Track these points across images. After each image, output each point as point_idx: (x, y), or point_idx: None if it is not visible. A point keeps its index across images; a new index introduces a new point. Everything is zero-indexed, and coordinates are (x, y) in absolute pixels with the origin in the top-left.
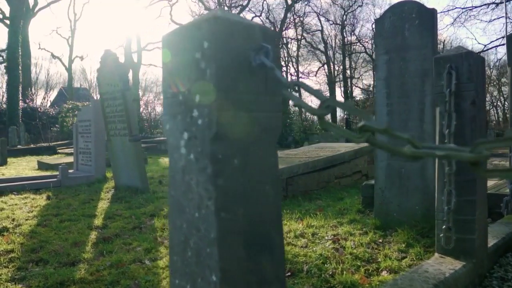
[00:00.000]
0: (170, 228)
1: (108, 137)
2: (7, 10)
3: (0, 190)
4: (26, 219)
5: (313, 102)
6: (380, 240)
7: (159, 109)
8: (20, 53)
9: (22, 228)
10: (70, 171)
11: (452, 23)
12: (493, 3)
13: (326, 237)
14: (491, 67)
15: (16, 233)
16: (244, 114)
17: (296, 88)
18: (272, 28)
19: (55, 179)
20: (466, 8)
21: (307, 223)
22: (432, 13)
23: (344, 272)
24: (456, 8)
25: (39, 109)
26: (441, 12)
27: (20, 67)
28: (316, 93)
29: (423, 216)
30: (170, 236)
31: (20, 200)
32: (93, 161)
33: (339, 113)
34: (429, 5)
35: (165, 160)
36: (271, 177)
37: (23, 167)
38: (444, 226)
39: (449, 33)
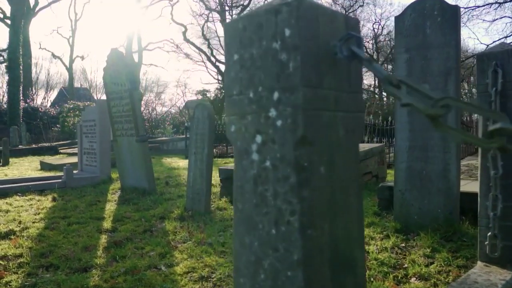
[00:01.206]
0: (236, 246)
1: (114, 138)
2: (7, 9)
3: (5, 191)
4: (33, 222)
5: None
6: (403, 245)
7: (159, 109)
8: (21, 53)
9: (29, 231)
10: (75, 171)
11: None
12: (496, 2)
13: None
14: None
15: (24, 236)
16: (329, 114)
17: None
18: None
19: (60, 180)
20: (469, 7)
21: None
22: (456, 10)
23: (373, 280)
24: (459, 8)
25: (39, 109)
26: None
27: (21, 67)
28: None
29: (446, 220)
30: (235, 255)
31: (25, 202)
32: (98, 162)
33: None
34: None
35: (168, 161)
36: (354, 186)
37: (25, 167)
38: (489, 233)
39: None
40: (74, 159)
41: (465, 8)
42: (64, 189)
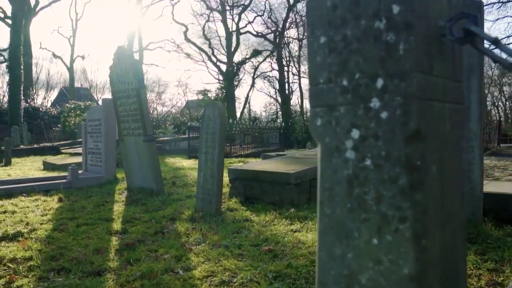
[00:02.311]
0: (322, 257)
1: (121, 137)
2: (8, 9)
3: (9, 192)
4: (41, 223)
5: None
6: None
7: (160, 108)
8: (21, 52)
9: (38, 233)
10: (79, 171)
11: None
12: (499, 1)
13: None
14: (493, 67)
15: (32, 238)
16: (438, 105)
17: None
18: (274, 28)
19: (65, 180)
20: None
21: None
22: (479, 5)
23: None
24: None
25: (40, 109)
26: None
27: (21, 67)
28: None
29: (469, 221)
30: (321, 267)
31: (31, 203)
32: (104, 162)
33: None
34: None
35: (171, 161)
36: (460, 187)
37: (28, 167)
38: None
39: None
40: (77, 159)
41: None
42: (70, 190)
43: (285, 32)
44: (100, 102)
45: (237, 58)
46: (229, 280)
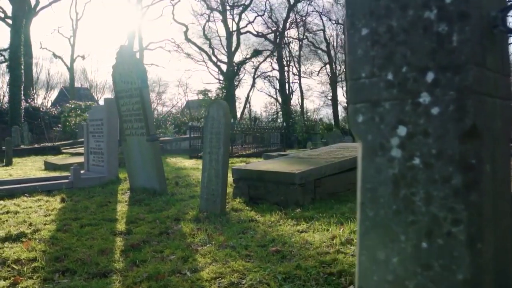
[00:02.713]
0: (364, 262)
1: (123, 137)
2: (8, 9)
3: (12, 192)
4: (44, 224)
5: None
6: None
7: (160, 108)
8: (22, 52)
9: (41, 233)
10: (81, 171)
11: None
12: None
13: None
14: None
15: (36, 239)
16: (491, 100)
17: None
18: (274, 28)
19: (67, 180)
20: None
21: (348, 228)
22: None
23: None
24: None
25: (40, 109)
26: None
27: (22, 66)
28: None
29: None
30: (362, 272)
31: (34, 203)
32: (106, 162)
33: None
34: None
35: (173, 160)
36: (508, 188)
37: (29, 167)
38: None
39: None
40: (78, 159)
41: None
42: (72, 190)
43: (286, 32)
44: (100, 102)
45: (237, 58)
46: (238, 281)
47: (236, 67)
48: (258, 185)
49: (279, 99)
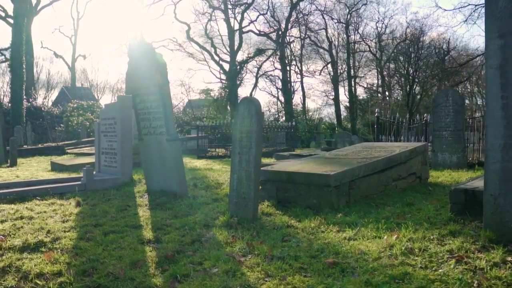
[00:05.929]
0: None
1: (140, 136)
2: (10, 8)
3: (22, 195)
4: (64, 231)
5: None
6: (510, 258)
7: None
8: (23, 52)
9: (62, 242)
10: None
11: (465, 21)
12: None
13: (441, 254)
14: None
15: (57, 248)
16: None
17: None
18: (276, 27)
19: (79, 182)
20: (479, 5)
21: (402, 235)
22: None
23: None
24: (470, 5)
25: (42, 109)
26: (453, 9)
27: (23, 66)
28: None
29: None
30: None
31: (47, 207)
32: (119, 163)
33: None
34: (442, 2)
35: (184, 161)
36: None
37: (35, 168)
38: None
39: (462, 30)
40: (85, 159)
41: (475, 5)
42: (85, 192)
43: (288, 31)
44: (101, 102)
45: (239, 57)
46: None
47: (238, 66)
48: (287, 187)
49: (281, 98)
